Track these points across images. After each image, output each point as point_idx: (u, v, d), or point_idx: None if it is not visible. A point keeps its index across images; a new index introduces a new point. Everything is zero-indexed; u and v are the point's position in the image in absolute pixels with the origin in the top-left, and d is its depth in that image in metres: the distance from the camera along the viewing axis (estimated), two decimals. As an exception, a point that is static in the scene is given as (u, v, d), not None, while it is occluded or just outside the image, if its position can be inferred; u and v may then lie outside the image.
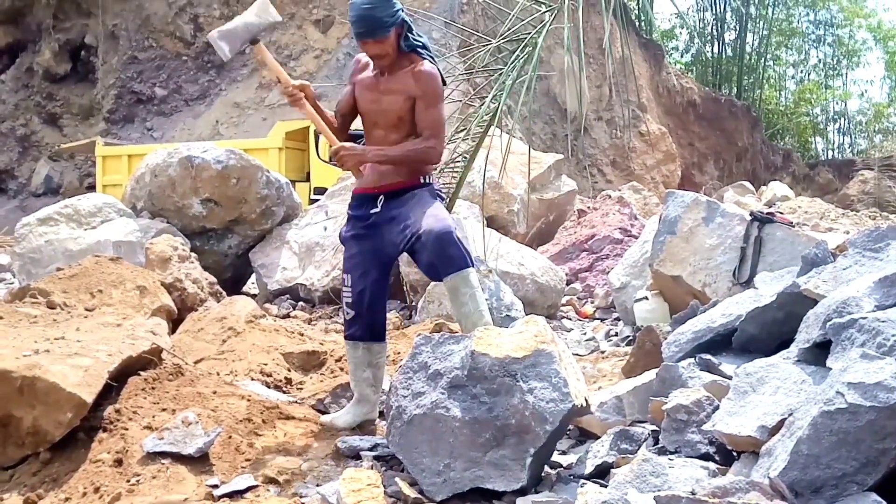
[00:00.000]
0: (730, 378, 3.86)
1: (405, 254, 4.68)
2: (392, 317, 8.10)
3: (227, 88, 24.92)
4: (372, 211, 4.66)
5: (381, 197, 4.65)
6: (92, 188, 19.85)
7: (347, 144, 4.56)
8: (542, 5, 7.93)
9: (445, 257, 4.34)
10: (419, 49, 4.61)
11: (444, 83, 4.77)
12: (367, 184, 4.70)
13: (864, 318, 3.31)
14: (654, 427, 4.03)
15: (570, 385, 3.72)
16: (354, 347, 4.81)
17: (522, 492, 3.64)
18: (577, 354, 6.77)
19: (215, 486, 3.82)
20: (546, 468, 3.90)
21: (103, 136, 22.96)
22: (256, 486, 3.84)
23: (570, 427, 4.42)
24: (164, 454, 3.93)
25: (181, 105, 25.21)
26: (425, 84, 4.56)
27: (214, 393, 4.64)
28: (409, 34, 4.58)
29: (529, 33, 7.89)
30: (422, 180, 4.69)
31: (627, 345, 7.06)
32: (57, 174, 25.80)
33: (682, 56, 43.63)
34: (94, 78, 26.43)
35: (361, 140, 4.80)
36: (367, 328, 4.75)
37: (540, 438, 3.63)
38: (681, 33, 43.75)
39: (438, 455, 3.71)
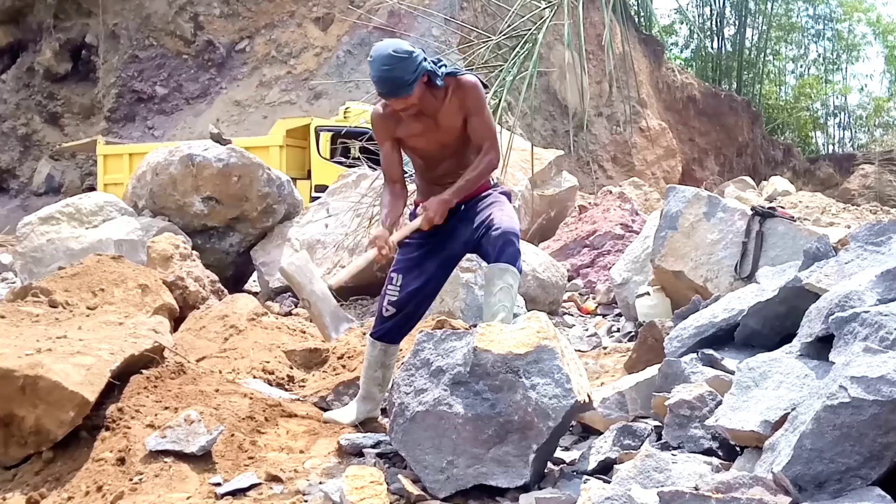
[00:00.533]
0: (732, 373, 3.86)
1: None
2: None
3: (227, 87, 24.93)
4: (444, 225, 4.67)
5: (462, 206, 4.68)
6: (92, 188, 19.85)
7: (432, 208, 4.47)
8: (542, 1, 7.92)
9: (501, 249, 4.35)
10: (448, 75, 4.52)
11: (486, 87, 4.72)
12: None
13: (867, 311, 3.30)
14: (656, 422, 4.02)
15: (572, 381, 3.72)
16: (374, 346, 4.84)
17: (526, 488, 3.64)
18: (578, 350, 6.77)
19: (218, 485, 3.82)
20: (549, 464, 3.90)
21: (104, 134, 22.96)
22: (259, 484, 3.84)
23: (573, 423, 4.42)
24: (166, 453, 3.93)
25: (182, 104, 25.22)
26: (472, 96, 4.50)
27: (217, 391, 4.64)
28: (434, 75, 4.46)
29: (529, 30, 7.88)
30: (491, 182, 4.74)
31: (629, 340, 7.06)
32: (58, 173, 25.83)
33: (681, 52, 43.66)
34: (94, 77, 26.45)
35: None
36: (397, 329, 4.79)
37: (543, 435, 3.63)
38: (680, 29, 43.76)
39: (441, 452, 3.71)
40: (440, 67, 4.48)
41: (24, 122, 26.69)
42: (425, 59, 4.41)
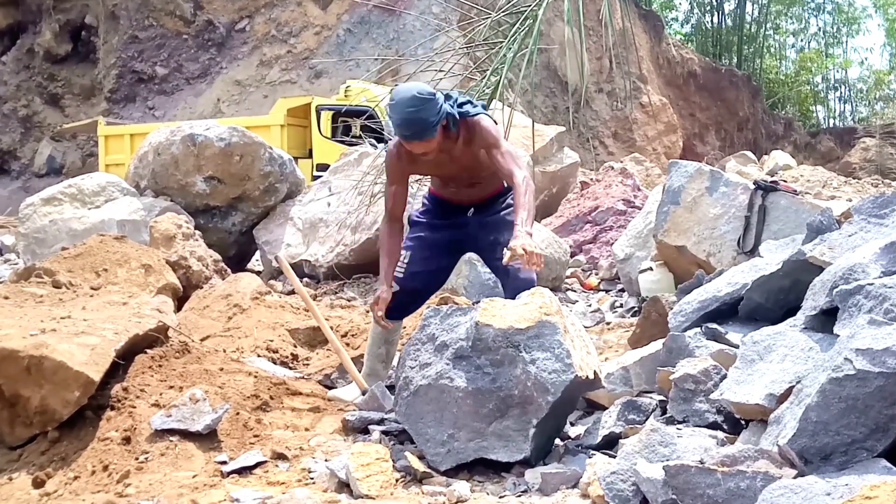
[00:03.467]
0: (736, 347, 3.86)
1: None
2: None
3: (227, 66, 24.85)
4: (461, 220, 4.76)
5: (472, 209, 4.77)
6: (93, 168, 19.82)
7: (525, 247, 4.14)
8: (543, -23, 7.86)
9: (516, 291, 4.25)
10: (468, 117, 4.47)
11: (487, 109, 4.67)
12: (458, 198, 4.78)
13: (871, 284, 3.30)
14: (661, 397, 4.02)
15: (573, 356, 3.72)
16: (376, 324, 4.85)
17: (527, 462, 3.66)
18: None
19: (224, 463, 3.84)
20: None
21: (105, 115, 22.93)
22: (265, 462, 3.85)
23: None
24: (172, 431, 3.94)
25: (182, 84, 25.15)
26: (485, 136, 4.46)
27: (221, 370, 4.65)
28: (453, 119, 4.42)
29: (529, 6, 7.83)
30: (505, 185, 4.75)
31: (633, 316, 7.06)
32: (59, 154, 25.79)
33: (681, 27, 43.46)
34: (94, 58, 26.37)
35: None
36: (402, 307, 4.81)
37: (542, 409, 3.64)
38: (680, 3, 43.66)
39: (443, 425, 3.73)
40: (455, 106, 4.44)
41: (25, 103, 26.64)
42: (446, 100, 4.40)
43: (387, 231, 4.69)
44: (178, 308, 6.53)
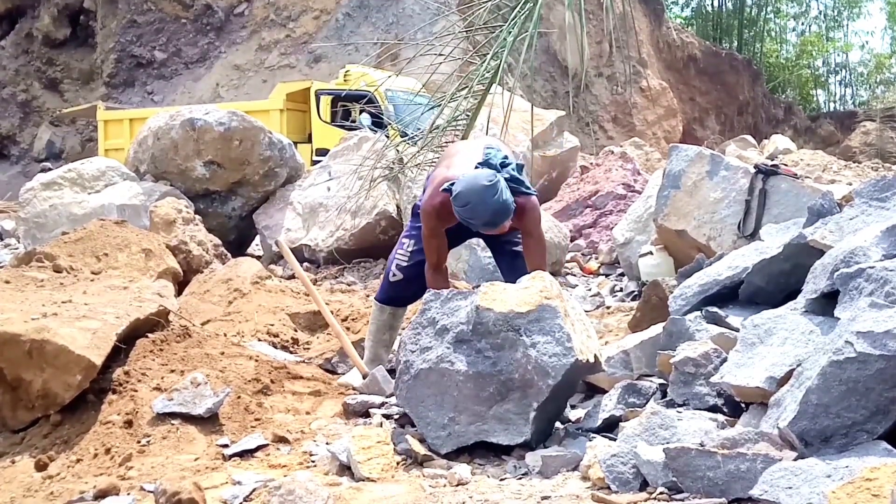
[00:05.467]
0: (737, 330, 3.86)
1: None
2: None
3: (226, 51, 24.76)
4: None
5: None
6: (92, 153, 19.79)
7: None
8: (543, -40, 7.83)
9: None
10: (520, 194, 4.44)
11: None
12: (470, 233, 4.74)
13: (872, 267, 3.30)
14: (661, 381, 4.04)
15: (573, 340, 3.73)
16: (382, 311, 4.86)
17: (527, 446, 3.67)
18: (582, 311, 6.77)
19: (225, 446, 3.85)
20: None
21: (104, 100, 22.84)
22: (266, 445, 3.87)
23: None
24: (173, 415, 3.96)
25: (181, 68, 25.05)
26: (531, 218, 4.49)
27: (222, 354, 4.66)
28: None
29: (530, -11, 7.80)
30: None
31: (633, 300, 7.06)
32: (59, 139, 25.72)
33: (682, 10, 43.24)
34: (93, 42, 26.25)
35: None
36: (407, 296, 4.80)
37: (543, 392, 3.65)
38: (680, -13, 43.34)
39: (443, 409, 3.74)
40: (506, 176, 4.36)
41: (24, 88, 26.55)
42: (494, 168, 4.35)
43: (435, 280, 4.61)
44: (179, 292, 6.54)
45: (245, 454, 3.80)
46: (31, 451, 3.90)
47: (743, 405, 3.50)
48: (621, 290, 7.78)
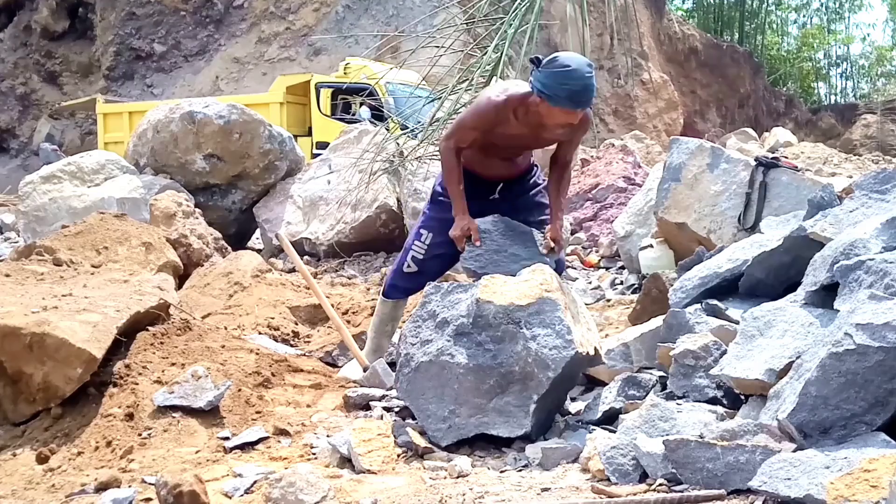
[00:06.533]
0: (737, 323, 3.87)
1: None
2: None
3: (226, 44, 24.73)
4: (491, 197, 4.61)
5: (500, 185, 4.62)
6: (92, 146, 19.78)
7: (559, 238, 4.42)
8: (543, -48, 7.82)
9: None
10: None
11: None
12: (489, 173, 4.60)
13: (872, 259, 3.31)
14: (661, 373, 4.04)
15: (574, 333, 3.73)
16: (385, 304, 4.84)
17: (528, 438, 3.68)
18: (582, 304, 6.77)
19: (226, 439, 3.86)
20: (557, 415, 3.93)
21: (103, 93, 22.83)
22: (267, 438, 3.88)
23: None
24: (174, 408, 3.97)
25: (180, 61, 25.02)
26: (584, 129, 4.44)
27: (223, 347, 4.66)
28: None
29: (530, -19, 7.79)
30: (532, 164, 4.72)
31: (633, 293, 7.05)
32: (58, 132, 25.68)
33: (683, 2, 43.15)
34: (92, 35, 26.21)
35: None
36: (416, 288, 4.72)
37: (543, 385, 3.66)
38: (682, -21, 43.25)
39: (444, 401, 3.75)
40: None
41: (23, 81, 26.50)
42: None
43: (455, 161, 4.46)
44: (179, 286, 6.55)
45: (246, 447, 3.80)
46: (33, 444, 3.91)
47: (742, 397, 3.51)
48: (621, 283, 7.78)
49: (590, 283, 8.04)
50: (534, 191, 4.68)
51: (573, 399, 4.26)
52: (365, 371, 4.73)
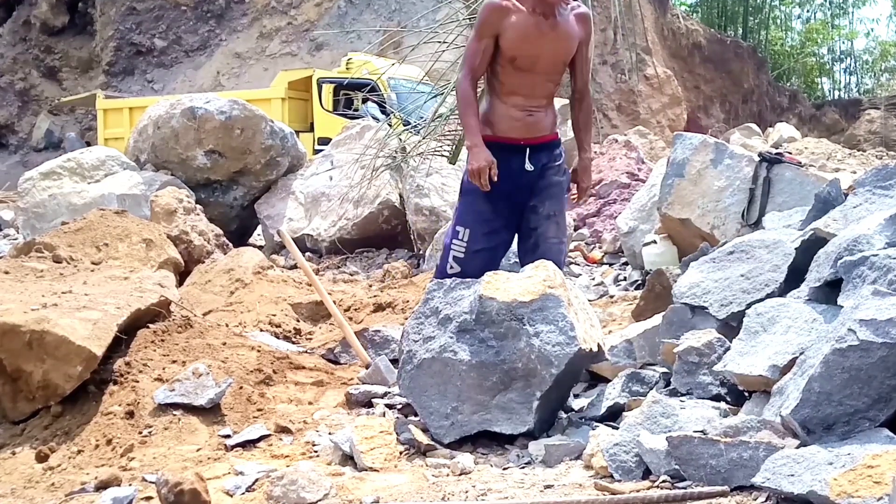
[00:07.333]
0: (739, 318, 3.85)
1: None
2: (400, 266, 8.10)
3: (227, 39, 24.70)
4: (527, 168, 4.42)
5: (528, 152, 4.43)
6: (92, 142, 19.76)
7: (588, 176, 4.61)
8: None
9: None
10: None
11: None
12: (512, 133, 4.44)
13: (876, 255, 3.29)
14: (664, 370, 4.02)
15: (577, 329, 3.72)
16: None
17: (530, 435, 3.66)
18: (585, 300, 6.75)
19: (228, 437, 3.85)
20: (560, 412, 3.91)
21: (103, 88, 22.80)
22: (269, 436, 3.86)
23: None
24: (175, 405, 3.95)
25: (181, 56, 24.99)
26: (590, 28, 4.45)
27: (224, 344, 4.65)
28: None
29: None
30: (557, 134, 4.64)
31: (636, 289, 7.04)
32: (58, 128, 25.65)
33: (686, -3, 43.08)
34: (92, 30, 26.16)
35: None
36: None
37: (546, 382, 3.65)
38: (686, -26, 43.15)
39: (446, 398, 3.73)
40: None
41: (22, 76, 26.46)
42: None
43: (469, 90, 4.40)
44: (180, 283, 6.54)
45: (247, 444, 3.79)
46: (32, 443, 3.89)
47: (746, 394, 3.49)
48: (625, 279, 7.77)
49: (593, 279, 8.03)
50: (558, 173, 4.55)
51: (576, 396, 4.25)
52: (367, 368, 4.72)
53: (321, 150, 12.18)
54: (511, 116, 4.41)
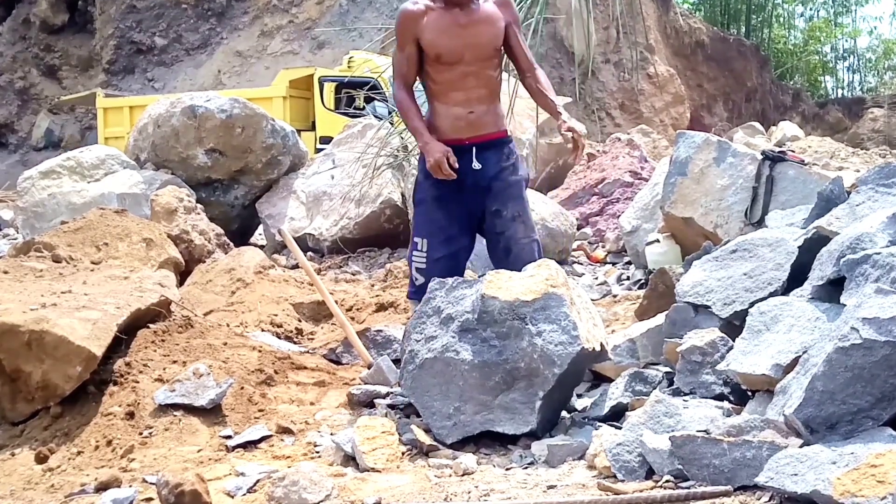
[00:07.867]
0: (742, 317, 3.84)
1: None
2: (402, 265, 8.07)
3: (228, 37, 24.68)
4: (475, 167, 4.39)
5: (474, 150, 4.40)
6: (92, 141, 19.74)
7: (577, 129, 4.45)
8: (547, -55, 7.77)
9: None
10: None
11: None
12: (455, 133, 4.42)
13: (878, 253, 3.28)
14: (667, 369, 4.01)
15: (579, 328, 3.71)
16: (416, 305, 4.76)
17: (533, 435, 3.65)
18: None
19: (229, 437, 3.84)
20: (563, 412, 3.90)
21: (103, 87, 22.76)
22: (270, 436, 3.85)
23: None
24: (176, 406, 3.94)
25: (182, 55, 24.96)
26: (514, 8, 4.47)
27: (225, 344, 4.64)
28: None
29: (535, -26, 7.74)
30: (506, 132, 4.60)
31: (639, 288, 7.03)
32: (57, 127, 25.63)
33: (689, -5, 43.05)
34: (92, 28, 26.13)
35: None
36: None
37: (548, 381, 3.63)
38: (688, -28, 43.11)
39: (449, 398, 3.72)
40: None
41: (22, 75, 26.42)
42: None
43: (406, 97, 4.44)
44: (181, 282, 6.53)
45: (248, 445, 3.78)
46: (32, 444, 3.88)
47: (749, 393, 3.48)
48: (628, 278, 7.76)
49: (596, 278, 8.02)
50: (509, 172, 4.50)
51: (579, 395, 4.24)
52: (369, 368, 4.70)
53: (323, 149, 12.16)
54: (453, 116, 4.41)
